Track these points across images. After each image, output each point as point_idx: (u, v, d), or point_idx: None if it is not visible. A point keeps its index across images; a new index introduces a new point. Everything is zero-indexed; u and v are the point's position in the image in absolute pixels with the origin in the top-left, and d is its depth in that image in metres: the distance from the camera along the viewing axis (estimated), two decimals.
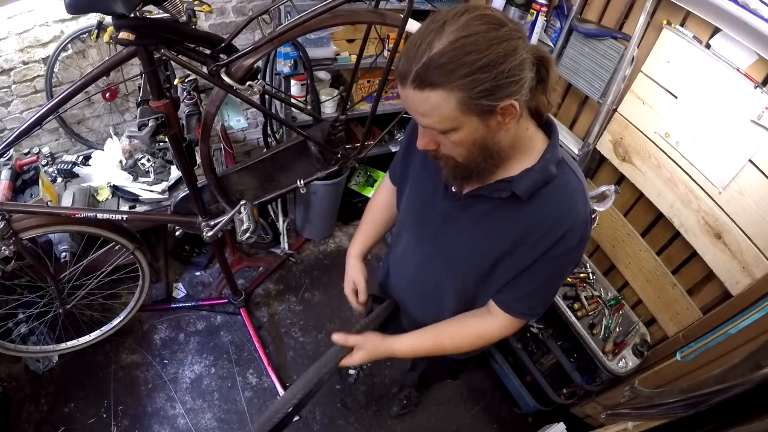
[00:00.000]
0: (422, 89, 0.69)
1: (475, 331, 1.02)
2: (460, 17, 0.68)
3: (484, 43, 0.66)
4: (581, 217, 0.86)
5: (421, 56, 0.67)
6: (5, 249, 1.36)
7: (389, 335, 1.05)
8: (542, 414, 2.06)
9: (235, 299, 2.23)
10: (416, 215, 1.04)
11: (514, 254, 0.89)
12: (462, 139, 0.75)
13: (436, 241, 0.99)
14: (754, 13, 1.21)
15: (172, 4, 1.10)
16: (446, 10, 0.70)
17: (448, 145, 0.78)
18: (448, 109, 0.70)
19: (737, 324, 1.32)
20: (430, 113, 0.72)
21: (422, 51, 0.67)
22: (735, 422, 0.74)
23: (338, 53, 2.17)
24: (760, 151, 1.30)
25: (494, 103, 0.69)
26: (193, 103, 1.52)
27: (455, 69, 0.66)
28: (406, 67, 0.69)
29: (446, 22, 0.67)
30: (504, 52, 0.67)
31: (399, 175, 1.12)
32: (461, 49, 0.66)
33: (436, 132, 0.76)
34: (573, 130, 1.98)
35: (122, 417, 1.89)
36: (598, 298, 1.82)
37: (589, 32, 1.73)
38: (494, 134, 0.75)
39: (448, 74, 0.66)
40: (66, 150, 2.24)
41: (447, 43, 0.66)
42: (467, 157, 0.79)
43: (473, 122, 0.72)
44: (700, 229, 1.49)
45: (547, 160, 0.83)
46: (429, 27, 0.69)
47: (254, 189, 1.73)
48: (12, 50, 1.84)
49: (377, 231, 1.24)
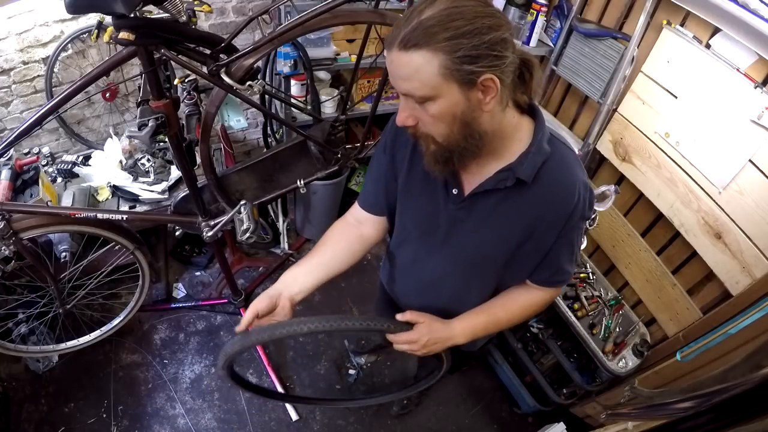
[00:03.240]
0: (407, 50, 0.70)
1: (525, 303, 1.05)
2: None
3: (470, 14, 0.69)
4: (583, 183, 0.88)
5: (410, 22, 0.70)
6: (5, 249, 1.36)
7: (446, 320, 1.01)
8: (542, 414, 2.06)
9: (235, 299, 2.23)
10: (422, 227, 1.02)
11: (533, 237, 0.91)
12: (441, 110, 0.75)
13: (449, 245, 0.99)
14: (754, 13, 1.21)
15: (172, 4, 1.10)
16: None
17: (428, 120, 0.78)
18: (430, 73, 0.71)
19: (737, 324, 1.31)
20: (412, 76, 0.72)
21: (413, 17, 0.70)
22: (735, 422, 0.74)
23: (338, 53, 2.16)
24: (760, 151, 1.30)
25: (476, 70, 0.70)
26: (193, 103, 1.52)
27: (440, 32, 0.69)
28: (395, 32, 0.72)
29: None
30: (489, 25, 0.70)
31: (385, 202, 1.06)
32: (448, 16, 0.69)
33: (416, 104, 0.76)
34: (573, 130, 1.98)
35: (122, 417, 1.89)
36: (598, 298, 1.82)
37: (589, 32, 1.73)
38: (474, 111, 0.76)
39: (432, 35, 0.69)
40: (66, 150, 2.24)
41: (436, 11, 0.69)
42: (447, 136, 0.79)
43: (453, 91, 0.73)
44: (700, 229, 1.49)
45: (540, 139, 0.84)
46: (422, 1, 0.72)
47: (254, 189, 1.73)
48: (12, 50, 1.84)
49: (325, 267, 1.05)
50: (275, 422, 1.97)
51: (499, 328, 1.07)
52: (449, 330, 0.99)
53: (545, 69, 2.00)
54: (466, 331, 1.01)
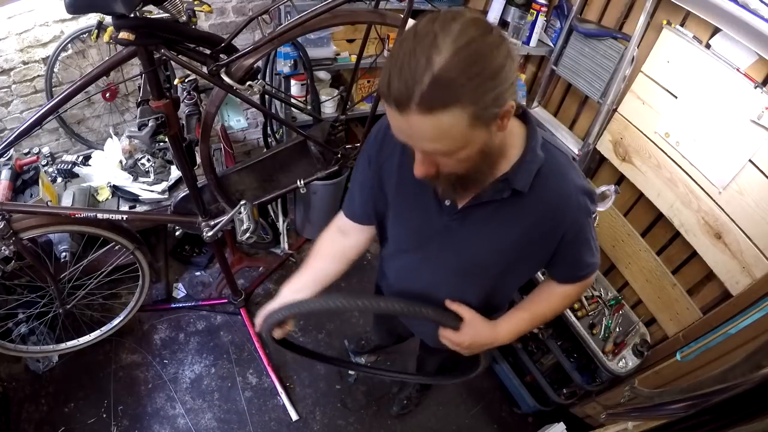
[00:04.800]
0: (432, 112, 0.61)
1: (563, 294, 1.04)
2: (450, 25, 0.61)
3: (485, 49, 0.61)
4: (579, 187, 0.86)
5: (421, 75, 0.59)
6: (5, 249, 1.36)
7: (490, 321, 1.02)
8: (542, 414, 2.06)
9: (235, 299, 2.23)
10: (415, 238, 1.01)
11: (530, 244, 0.89)
12: (470, 155, 0.70)
13: (443, 255, 0.98)
14: (754, 13, 1.21)
15: (172, 4, 1.10)
16: (426, 21, 0.63)
17: (451, 163, 0.73)
18: (461, 128, 0.64)
19: (737, 324, 1.32)
20: (440, 137, 0.65)
21: (421, 69, 0.59)
22: (735, 422, 0.73)
23: (338, 53, 2.17)
24: (760, 151, 1.31)
25: (499, 109, 0.66)
26: (193, 103, 1.52)
27: (466, 82, 0.60)
28: (403, 90, 0.61)
29: (437, 35, 0.60)
30: (504, 54, 0.63)
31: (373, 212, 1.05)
32: (467, 59, 0.60)
33: (440, 156, 0.71)
34: (573, 130, 1.98)
35: (122, 417, 1.89)
36: (598, 298, 1.82)
37: (589, 32, 1.73)
38: (493, 137, 0.73)
39: (458, 89, 0.60)
40: (66, 150, 2.24)
41: (449, 56, 0.59)
42: (469, 168, 0.75)
43: (482, 134, 0.68)
44: (700, 229, 1.49)
45: (533, 146, 0.81)
46: (417, 42, 0.61)
47: (254, 189, 1.73)
48: (12, 50, 1.84)
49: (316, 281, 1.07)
50: (275, 422, 1.97)
51: (541, 323, 1.09)
52: (494, 333, 1.00)
53: (545, 69, 2.00)
54: (511, 331, 1.02)
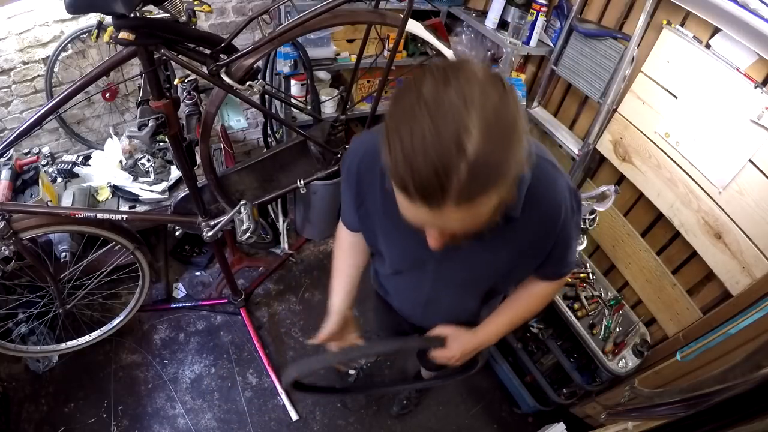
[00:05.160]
0: (471, 201, 0.55)
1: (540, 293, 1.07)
2: (466, 90, 0.53)
3: (509, 113, 0.55)
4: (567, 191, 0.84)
5: (456, 165, 0.51)
6: (5, 249, 1.36)
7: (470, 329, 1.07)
8: (542, 414, 2.06)
9: (235, 299, 2.23)
10: (410, 261, 1.01)
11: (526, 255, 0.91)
12: (491, 217, 0.62)
13: (440, 274, 0.98)
14: (754, 13, 1.21)
15: (172, 4, 1.10)
16: (432, 84, 0.54)
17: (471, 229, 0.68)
18: (491, 206, 0.58)
19: (737, 324, 1.32)
20: (475, 220, 0.60)
21: (453, 158, 0.51)
22: (735, 422, 0.74)
23: (338, 53, 2.17)
24: (760, 151, 1.30)
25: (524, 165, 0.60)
26: (193, 103, 1.52)
27: (503, 161, 0.54)
28: (434, 184, 0.53)
29: (459, 109, 0.52)
30: (517, 106, 0.57)
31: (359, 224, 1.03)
32: (498, 135, 0.53)
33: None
34: (573, 130, 1.98)
35: (122, 417, 1.89)
36: (598, 298, 1.82)
37: (589, 32, 1.73)
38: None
39: (497, 170, 0.54)
40: (66, 150, 2.24)
41: (481, 138, 0.52)
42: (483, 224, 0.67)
43: (506, 194, 0.60)
44: (700, 229, 1.49)
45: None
46: (435, 119, 0.52)
47: (254, 189, 1.73)
48: (12, 50, 1.85)
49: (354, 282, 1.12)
50: (275, 422, 1.97)
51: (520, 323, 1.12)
52: (477, 339, 1.06)
53: (545, 69, 2.00)
54: (491, 334, 1.08)
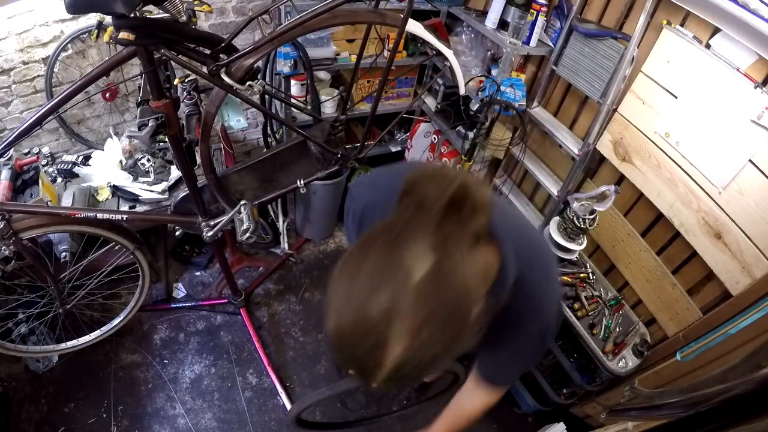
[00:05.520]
0: (401, 384, 0.57)
1: (468, 414, 1.02)
2: (400, 292, 0.51)
3: (453, 308, 0.53)
4: (550, 316, 0.81)
5: (374, 372, 0.52)
6: (5, 249, 1.36)
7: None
8: (542, 414, 2.06)
9: (235, 299, 2.23)
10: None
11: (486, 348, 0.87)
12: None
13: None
14: (754, 13, 1.21)
15: (172, 4, 1.10)
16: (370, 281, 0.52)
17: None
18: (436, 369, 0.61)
19: (737, 324, 1.32)
20: (415, 381, 0.69)
21: (370, 366, 0.52)
22: (735, 422, 0.74)
23: (338, 53, 2.17)
24: (760, 151, 1.30)
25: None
26: (193, 103, 1.52)
27: (435, 358, 0.53)
28: (358, 374, 0.55)
29: (390, 316, 0.50)
30: (476, 298, 0.55)
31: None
32: (427, 339, 0.51)
33: None
34: (573, 130, 1.98)
35: (122, 417, 1.89)
36: (598, 298, 1.82)
37: (589, 32, 1.73)
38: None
39: (427, 368, 0.54)
40: (66, 150, 2.24)
41: (401, 349, 0.50)
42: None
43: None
44: (700, 229, 1.49)
45: (497, 291, 0.65)
46: (359, 318, 0.51)
47: (254, 189, 1.73)
48: (12, 50, 1.84)
49: None
50: (275, 422, 1.97)
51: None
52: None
53: (545, 69, 2.00)
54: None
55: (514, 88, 1.96)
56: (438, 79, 2.37)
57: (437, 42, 1.60)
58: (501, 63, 2.02)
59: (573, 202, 1.77)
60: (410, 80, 2.58)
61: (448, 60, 1.67)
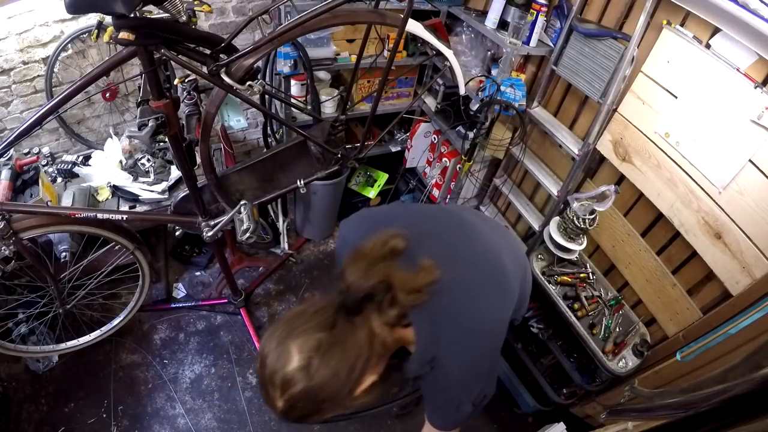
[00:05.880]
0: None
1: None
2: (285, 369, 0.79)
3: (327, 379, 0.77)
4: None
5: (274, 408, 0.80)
6: (5, 249, 1.36)
7: None
8: (542, 414, 2.06)
9: (235, 299, 2.23)
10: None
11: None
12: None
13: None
14: (754, 13, 1.21)
15: (172, 4, 1.10)
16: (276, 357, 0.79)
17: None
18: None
19: (737, 324, 1.32)
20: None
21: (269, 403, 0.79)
22: (735, 422, 0.74)
23: (338, 53, 2.17)
24: (760, 151, 1.30)
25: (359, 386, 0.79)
26: (193, 103, 1.52)
27: (318, 412, 0.80)
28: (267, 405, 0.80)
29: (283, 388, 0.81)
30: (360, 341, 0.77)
31: None
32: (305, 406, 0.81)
33: None
34: (573, 130, 1.98)
35: (122, 417, 1.89)
36: (598, 298, 1.82)
37: (589, 32, 1.73)
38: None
39: (314, 416, 0.81)
40: (66, 150, 2.24)
41: (285, 406, 0.80)
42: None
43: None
44: (700, 229, 1.49)
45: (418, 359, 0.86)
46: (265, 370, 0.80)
47: (254, 189, 1.73)
48: (12, 50, 1.84)
49: None
50: (275, 422, 1.98)
51: None
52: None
53: (545, 69, 2.00)
54: None
55: (514, 88, 1.96)
56: (438, 79, 2.37)
57: (437, 42, 1.60)
58: (501, 63, 2.02)
59: (573, 202, 1.77)
60: (410, 80, 2.58)
61: (448, 60, 1.67)
